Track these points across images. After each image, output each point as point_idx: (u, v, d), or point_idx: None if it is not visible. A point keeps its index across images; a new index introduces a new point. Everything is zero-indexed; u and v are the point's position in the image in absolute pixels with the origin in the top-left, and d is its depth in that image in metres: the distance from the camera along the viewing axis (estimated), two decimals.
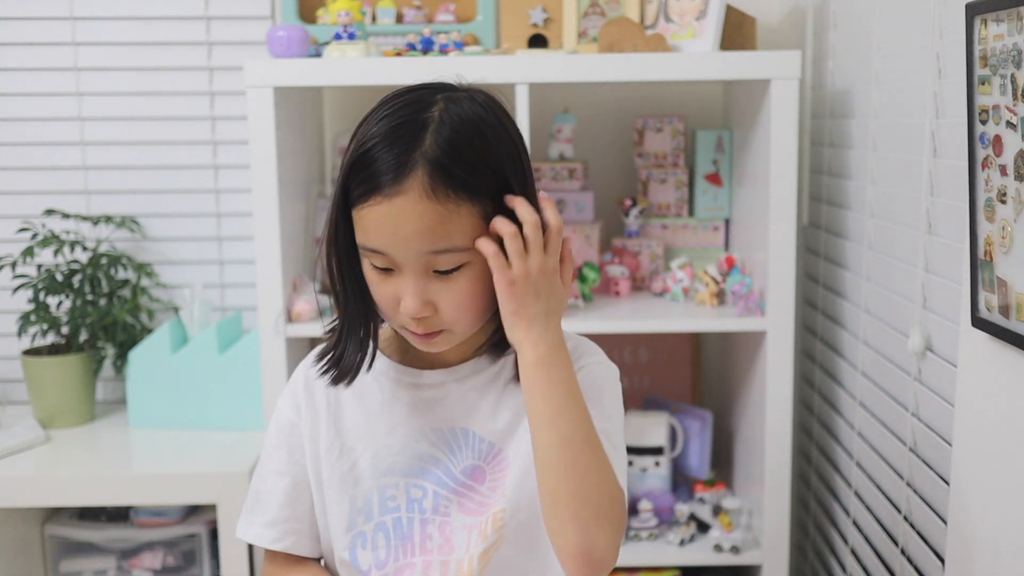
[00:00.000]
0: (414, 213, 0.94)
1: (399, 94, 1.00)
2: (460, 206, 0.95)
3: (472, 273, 0.98)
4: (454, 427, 1.08)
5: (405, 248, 0.95)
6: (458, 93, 1.00)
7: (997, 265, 1.11)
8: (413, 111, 0.97)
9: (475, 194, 0.95)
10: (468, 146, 0.96)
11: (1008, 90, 1.05)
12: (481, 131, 0.97)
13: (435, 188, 0.93)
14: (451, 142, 0.95)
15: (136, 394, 2.07)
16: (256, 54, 2.14)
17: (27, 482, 1.87)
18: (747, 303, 1.83)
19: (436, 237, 0.95)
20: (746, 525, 1.93)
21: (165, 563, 2.03)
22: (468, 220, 0.96)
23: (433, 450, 1.08)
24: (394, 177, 0.94)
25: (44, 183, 2.22)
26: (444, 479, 1.07)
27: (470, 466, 1.07)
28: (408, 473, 1.08)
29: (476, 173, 0.96)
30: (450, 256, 0.96)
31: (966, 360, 1.24)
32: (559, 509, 0.93)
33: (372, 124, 0.98)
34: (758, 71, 1.74)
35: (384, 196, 0.94)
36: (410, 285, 0.97)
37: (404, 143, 0.94)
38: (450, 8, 2.00)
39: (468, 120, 0.97)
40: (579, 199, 2.06)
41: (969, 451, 1.24)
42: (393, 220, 0.94)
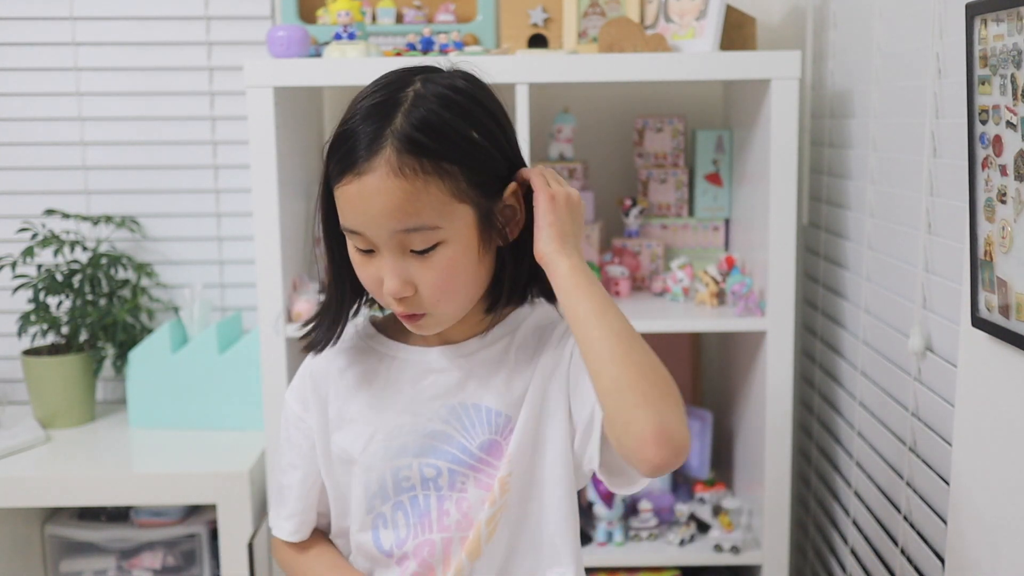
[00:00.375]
0: (382, 190, 0.95)
1: (381, 77, 1.02)
2: (429, 183, 0.95)
3: (449, 252, 0.99)
4: (466, 402, 1.08)
5: (377, 227, 0.97)
6: (437, 74, 1.01)
7: (997, 265, 1.11)
8: (390, 91, 0.98)
9: (444, 171, 0.96)
10: (438, 121, 0.96)
11: (1008, 90, 1.05)
12: (452, 106, 0.98)
13: (402, 165, 0.94)
14: (421, 119, 0.96)
15: (136, 394, 2.07)
16: (256, 54, 2.14)
17: (27, 482, 1.87)
18: (747, 303, 1.83)
19: (404, 215, 0.95)
20: (746, 525, 1.93)
21: (165, 563, 2.03)
22: (437, 196, 0.96)
23: (445, 427, 1.08)
24: (364, 155, 0.95)
25: (44, 183, 2.22)
26: (459, 455, 1.07)
27: (487, 441, 1.07)
28: (420, 453, 1.08)
29: (446, 148, 0.96)
30: (422, 235, 0.97)
31: (966, 360, 1.24)
32: (626, 396, 0.91)
33: (352, 105, 1.00)
34: (758, 71, 1.74)
35: (355, 174, 0.96)
36: (388, 265, 0.99)
37: (376, 122, 0.96)
38: (450, 8, 2.00)
39: (440, 96, 0.98)
40: None
41: (969, 451, 1.24)
42: (363, 199, 0.96)
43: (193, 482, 1.86)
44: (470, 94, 1.00)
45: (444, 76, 1.01)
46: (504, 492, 1.07)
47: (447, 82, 1.00)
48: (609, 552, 1.92)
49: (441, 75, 1.01)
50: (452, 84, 1.00)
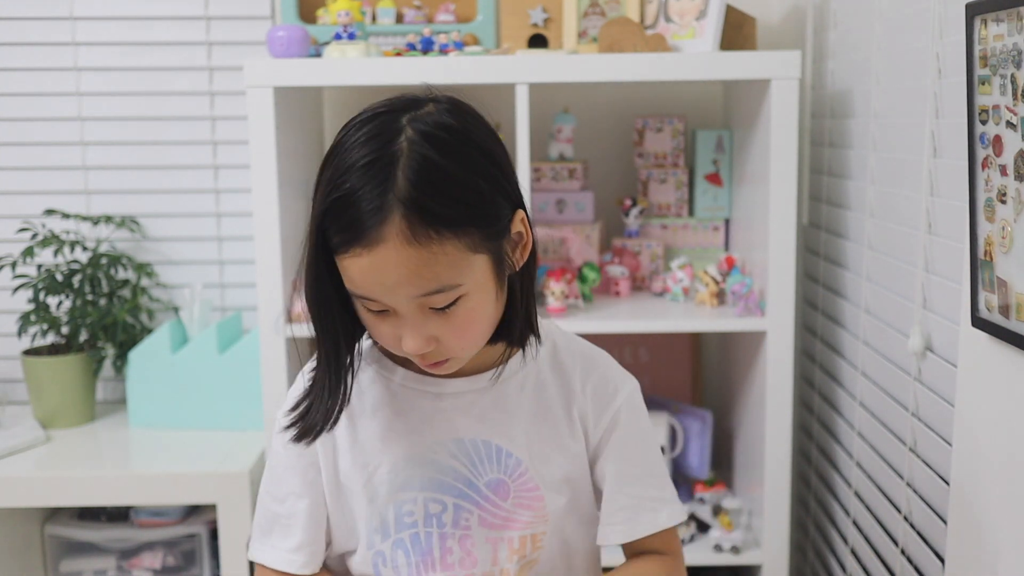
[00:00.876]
0: (396, 262, 0.88)
1: (364, 121, 0.93)
2: (444, 244, 0.89)
3: (471, 303, 0.94)
4: (476, 439, 1.05)
5: (394, 296, 0.91)
6: (422, 110, 0.93)
7: (997, 265, 1.11)
8: (381, 143, 0.90)
9: (459, 226, 0.90)
10: (442, 177, 0.89)
11: (1008, 90, 1.05)
12: (454, 153, 0.91)
13: (415, 232, 0.87)
14: (424, 176, 0.88)
15: (136, 394, 2.07)
16: (256, 54, 2.14)
17: (27, 482, 1.87)
18: (747, 303, 1.83)
19: (424, 281, 0.90)
20: (746, 525, 1.93)
21: (165, 563, 2.03)
22: (454, 255, 0.90)
23: (454, 462, 1.05)
24: (372, 225, 0.87)
25: (44, 183, 2.22)
26: (466, 491, 1.05)
27: (495, 480, 1.05)
28: (426, 487, 1.05)
29: (456, 205, 0.90)
30: (443, 295, 0.92)
31: (966, 360, 1.24)
32: None
33: (341, 160, 0.92)
34: (758, 71, 1.74)
35: (363, 247, 0.88)
36: (408, 326, 0.94)
37: (376, 185, 0.88)
38: (450, 8, 2.00)
39: (438, 143, 0.90)
40: (579, 199, 2.06)
41: (969, 451, 1.24)
42: (376, 270, 0.89)
43: (193, 482, 1.86)
44: (464, 133, 0.93)
45: (433, 115, 0.93)
46: (537, 548, 1.07)
47: (438, 122, 0.92)
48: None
49: (429, 114, 0.93)
50: (444, 124, 0.92)
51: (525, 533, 1.06)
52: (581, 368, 1.09)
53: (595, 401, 1.09)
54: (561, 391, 1.08)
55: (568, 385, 1.08)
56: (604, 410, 1.09)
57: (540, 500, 1.06)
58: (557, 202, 2.06)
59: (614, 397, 1.09)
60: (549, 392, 1.08)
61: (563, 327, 1.14)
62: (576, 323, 1.82)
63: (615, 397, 1.09)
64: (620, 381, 1.10)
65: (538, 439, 1.06)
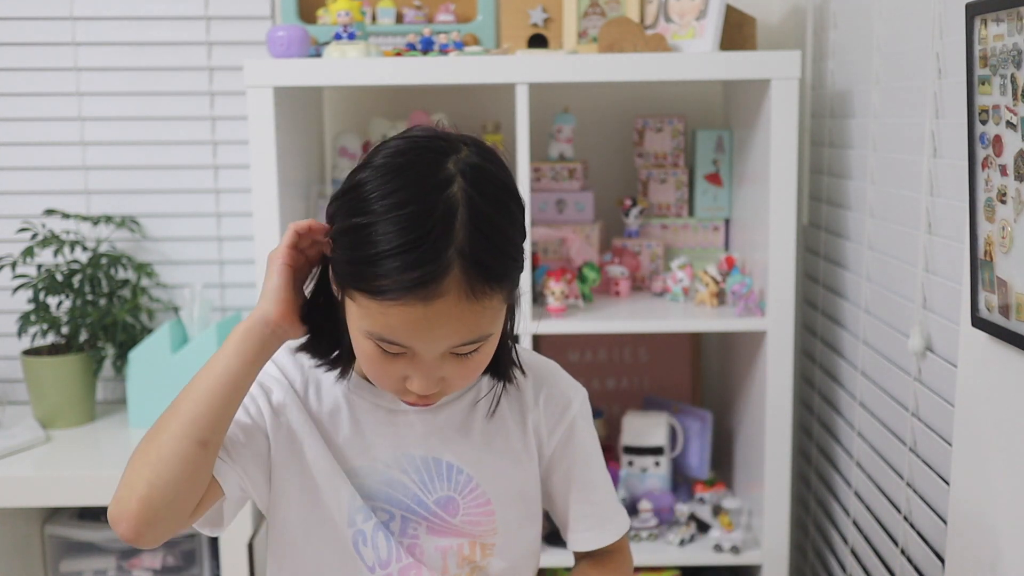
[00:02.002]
0: (452, 315, 0.88)
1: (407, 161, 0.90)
2: (493, 298, 0.90)
3: (487, 347, 0.95)
4: (427, 456, 1.05)
5: (433, 346, 0.91)
6: (461, 153, 0.91)
7: (997, 265, 1.11)
8: (434, 189, 0.87)
9: (505, 280, 0.91)
10: (495, 231, 0.89)
11: (1008, 90, 1.05)
12: (500, 206, 0.91)
13: (473, 288, 0.88)
14: (481, 231, 0.88)
15: (136, 394, 2.07)
16: (256, 54, 2.14)
17: (27, 482, 1.87)
18: (747, 303, 1.83)
19: (469, 333, 0.91)
20: (746, 525, 1.93)
21: (165, 563, 2.03)
22: (497, 308, 0.92)
23: (403, 477, 1.05)
24: (433, 278, 0.86)
25: (44, 183, 2.22)
26: (413, 506, 1.05)
27: (444, 497, 1.05)
28: (374, 496, 1.05)
29: (505, 260, 0.91)
30: (476, 344, 0.93)
31: (966, 360, 1.24)
32: None
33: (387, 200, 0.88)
34: (758, 71, 1.74)
35: (420, 299, 0.86)
36: (424, 369, 0.93)
37: (439, 237, 0.86)
38: (450, 8, 2.00)
39: (488, 195, 0.89)
40: (579, 199, 2.06)
41: (969, 451, 1.24)
42: (428, 323, 0.88)
43: None
44: (504, 182, 0.93)
45: (474, 161, 0.91)
46: (487, 555, 1.07)
47: (483, 170, 0.91)
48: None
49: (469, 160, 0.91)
50: (488, 173, 0.91)
51: (476, 541, 1.07)
52: (533, 381, 1.10)
53: (548, 413, 1.09)
54: (513, 405, 1.09)
55: (520, 399, 1.09)
56: (559, 421, 1.10)
57: (491, 514, 1.07)
58: (557, 202, 2.06)
59: (568, 408, 1.10)
60: (501, 407, 1.08)
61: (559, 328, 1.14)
62: (576, 323, 1.82)
63: (569, 408, 1.10)
64: (572, 392, 1.12)
65: (491, 454, 1.07)
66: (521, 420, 1.09)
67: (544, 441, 1.10)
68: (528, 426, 1.09)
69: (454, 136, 0.94)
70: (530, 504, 1.11)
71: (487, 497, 1.07)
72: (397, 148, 0.92)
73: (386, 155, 0.92)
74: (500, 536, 1.07)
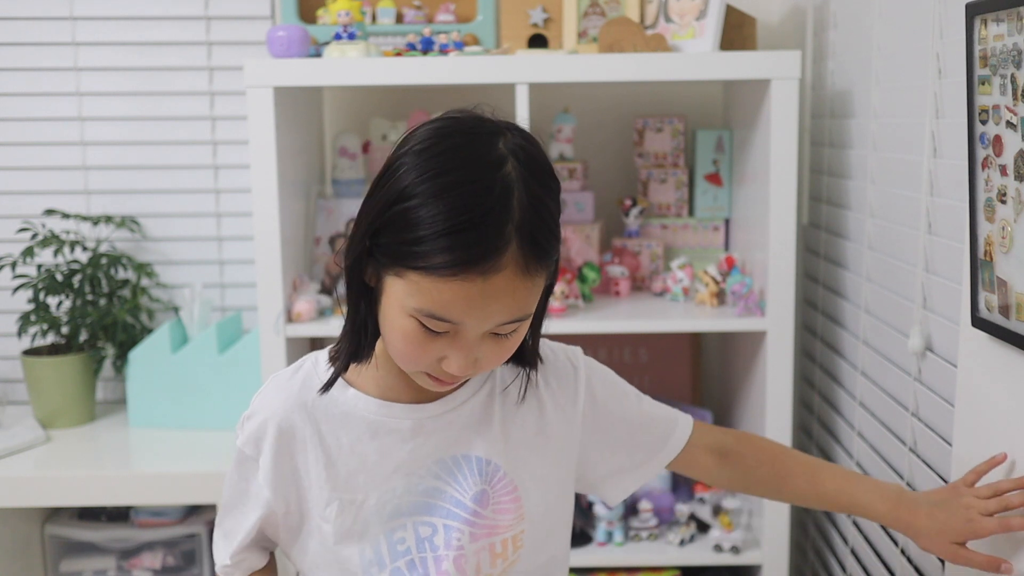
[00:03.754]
0: (508, 290, 0.90)
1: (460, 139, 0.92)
2: (541, 276, 0.93)
3: (523, 328, 0.97)
4: (455, 454, 1.06)
5: (485, 322, 0.92)
6: (507, 136, 0.94)
7: (997, 265, 1.11)
8: (491, 169, 0.90)
9: (551, 259, 0.95)
10: (546, 210, 0.93)
11: (1008, 90, 1.05)
12: (547, 187, 0.94)
13: (528, 263, 0.90)
14: (535, 209, 0.91)
15: (136, 394, 2.07)
16: (256, 54, 2.14)
17: (27, 482, 1.87)
18: (747, 303, 1.83)
19: (519, 310, 0.93)
20: (746, 525, 1.93)
21: (165, 563, 2.03)
22: (540, 285, 0.95)
23: (437, 482, 1.05)
24: (493, 253, 0.88)
25: (44, 183, 2.22)
26: (453, 510, 1.05)
27: (478, 492, 1.05)
28: (414, 512, 1.05)
29: (553, 239, 0.94)
30: (518, 323, 0.95)
31: (966, 360, 1.24)
32: None
33: (445, 178, 0.89)
34: (758, 71, 1.74)
35: (479, 273, 0.88)
36: (464, 349, 0.94)
37: (500, 213, 0.88)
38: (450, 8, 2.00)
39: (537, 176, 0.93)
40: (579, 199, 2.06)
41: (969, 451, 1.24)
42: (484, 297, 0.89)
43: (193, 482, 1.86)
44: (548, 165, 0.96)
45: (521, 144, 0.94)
46: (517, 548, 1.07)
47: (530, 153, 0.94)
48: (609, 552, 1.92)
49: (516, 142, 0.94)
50: (535, 156, 0.94)
51: (506, 536, 1.07)
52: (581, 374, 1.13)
53: (560, 388, 1.11)
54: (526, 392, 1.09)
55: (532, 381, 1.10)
56: (575, 391, 1.11)
57: (517, 500, 1.07)
58: None
59: (575, 374, 1.12)
60: (512, 395, 1.09)
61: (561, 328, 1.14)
62: (576, 323, 1.82)
63: (576, 373, 1.12)
64: (571, 357, 1.13)
65: (512, 442, 1.07)
66: (535, 404, 1.09)
67: (569, 415, 1.11)
68: (544, 408, 1.09)
69: (496, 120, 0.97)
70: (552, 487, 1.11)
71: (514, 484, 1.07)
72: (442, 130, 0.94)
73: (432, 137, 0.93)
74: (527, 523, 1.08)
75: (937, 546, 1.13)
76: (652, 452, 1.17)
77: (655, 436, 1.17)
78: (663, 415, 1.18)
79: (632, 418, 1.16)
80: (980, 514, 1.10)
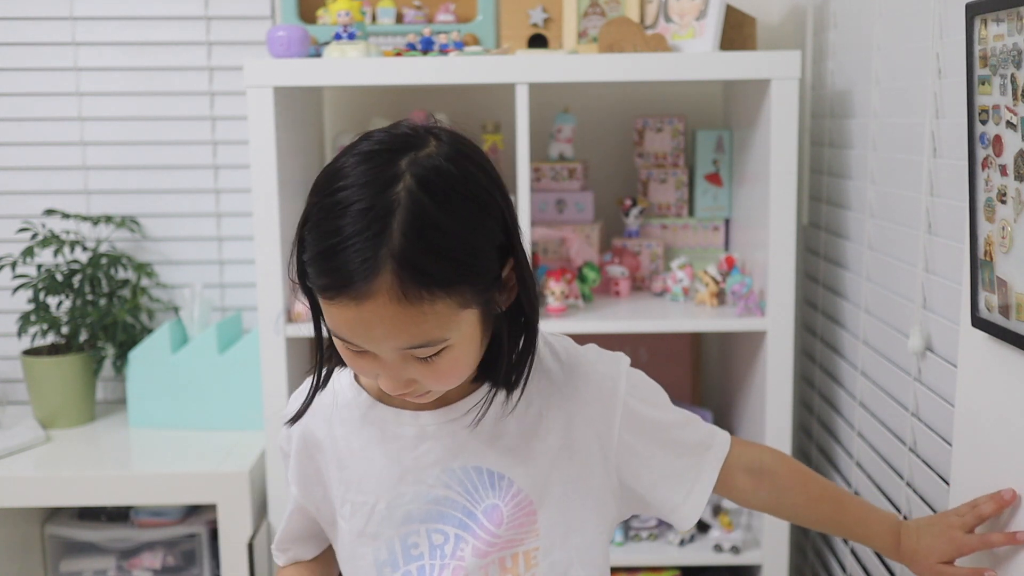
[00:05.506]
0: (386, 316, 0.86)
1: (362, 158, 0.89)
2: (435, 303, 0.87)
3: (454, 352, 0.92)
4: (465, 465, 1.03)
5: (378, 347, 0.90)
6: (423, 151, 0.89)
7: (997, 265, 1.11)
8: (378, 189, 0.86)
9: (451, 285, 0.87)
10: (439, 234, 0.86)
11: (1008, 90, 1.05)
12: (452, 207, 0.87)
13: (406, 290, 0.85)
14: (420, 233, 0.85)
15: (136, 394, 2.07)
16: (256, 54, 2.14)
17: (27, 482, 1.87)
18: (747, 303, 1.83)
19: (410, 337, 0.88)
20: (746, 525, 1.93)
21: (165, 563, 2.03)
22: (443, 313, 0.88)
23: (448, 492, 1.03)
24: (361, 279, 0.85)
25: (44, 183, 2.22)
26: (464, 520, 1.04)
27: (490, 505, 1.03)
28: (427, 519, 1.04)
29: (450, 264, 0.87)
30: (428, 348, 0.90)
31: (966, 360, 1.24)
32: None
33: (334, 198, 0.87)
34: (758, 71, 1.74)
35: (351, 298, 0.86)
36: (387, 368, 0.92)
37: (371, 237, 0.84)
38: (450, 8, 2.00)
39: (437, 195, 0.87)
40: (579, 199, 2.06)
41: (969, 451, 1.24)
42: (363, 323, 0.87)
43: (193, 482, 1.86)
44: (464, 181, 0.89)
45: (433, 158, 0.89)
46: (530, 567, 1.04)
47: (439, 168, 0.88)
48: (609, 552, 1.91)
49: (430, 156, 0.89)
50: (444, 171, 0.88)
51: (518, 550, 1.04)
52: (566, 372, 1.05)
53: (594, 403, 1.04)
54: (549, 402, 1.04)
55: (556, 394, 1.04)
56: (611, 409, 1.04)
57: (532, 515, 1.04)
58: (557, 202, 2.06)
59: (614, 392, 1.04)
60: (535, 405, 1.04)
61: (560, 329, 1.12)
62: (576, 323, 1.82)
63: (615, 392, 1.04)
64: (612, 369, 1.06)
65: (529, 455, 1.03)
66: (562, 416, 1.04)
67: (600, 431, 1.04)
68: (572, 422, 1.04)
69: (427, 131, 0.92)
70: (574, 504, 1.05)
71: (530, 499, 1.03)
72: (350, 148, 0.92)
73: (338, 156, 0.92)
74: (543, 539, 1.04)
75: (924, 568, 1.13)
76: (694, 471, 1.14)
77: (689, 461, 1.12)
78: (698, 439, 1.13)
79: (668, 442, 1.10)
80: (961, 531, 1.11)
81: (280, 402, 1.82)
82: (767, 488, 1.16)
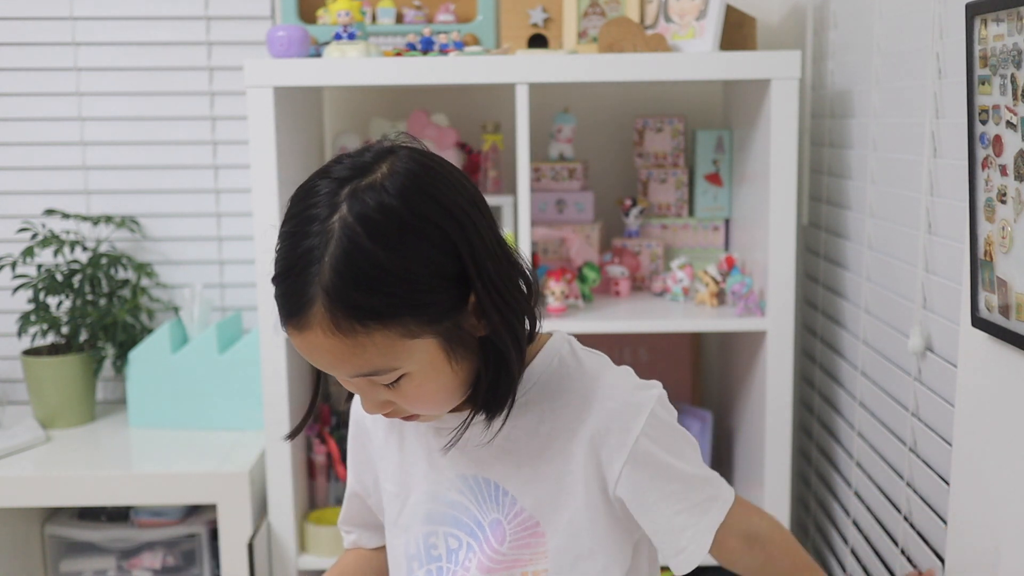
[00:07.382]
0: (324, 347, 0.87)
1: (308, 191, 0.90)
2: (372, 334, 0.86)
3: (415, 380, 0.91)
4: (476, 474, 1.03)
5: (332, 372, 0.92)
6: (367, 179, 0.88)
7: (997, 265, 1.11)
8: (315, 221, 0.87)
9: (387, 318, 0.86)
10: (370, 268, 0.85)
11: (1008, 90, 1.05)
12: (388, 240, 0.85)
13: (338, 324, 0.85)
14: (350, 267, 0.85)
15: (136, 394, 2.07)
16: (256, 54, 2.14)
17: (27, 482, 1.87)
18: (747, 303, 1.83)
19: (354, 366, 0.89)
20: None
21: (165, 563, 2.03)
22: (384, 343, 0.87)
23: (461, 498, 1.04)
24: (296, 310, 0.87)
25: (44, 183, 2.22)
26: (475, 529, 1.04)
27: (494, 520, 1.03)
28: (444, 522, 1.05)
29: (383, 297, 0.85)
30: (381, 376, 0.90)
31: (966, 360, 1.24)
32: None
33: (284, 228, 0.91)
34: (758, 71, 1.74)
35: (294, 327, 0.88)
36: (357, 390, 0.94)
37: (303, 271, 0.86)
38: (450, 8, 2.00)
39: (372, 228, 0.85)
40: (579, 199, 2.06)
41: (969, 451, 1.24)
42: (309, 350, 0.89)
43: (193, 482, 1.86)
44: (408, 212, 0.86)
45: (376, 189, 0.87)
46: None
47: (379, 202, 0.86)
48: None
49: (373, 186, 0.87)
50: (384, 205, 0.86)
51: (527, 569, 1.03)
52: (582, 394, 1.00)
53: (607, 435, 0.99)
54: (563, 425, 1.00)
55: (570, 417, 1.00)
56: (620, 445, 0.98)
57: (539, 536, 1.02)
58: (557, 202, 2.06)
59: (627, 428, 0.98)
60: (547, 427, 1.00)
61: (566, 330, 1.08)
62: (576, 323, 1.82)
63: (628, 428, 0.98)
64: (633, 410, 0.99)
65: (537, 478, 1.01)
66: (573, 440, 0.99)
67: (608, 463, 0.99)
68: (580, 448, 0.99)
69: (388, 154, 0.91)
70: (583, 532, 1.02)
71: (535, 520, 1.01)
72: (315, 173, 0.93)
73: (315, 175, 0.93)
74: (552, 563, 1.02)
75: None
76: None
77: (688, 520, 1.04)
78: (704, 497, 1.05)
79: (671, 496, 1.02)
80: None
81: (280, 402, 1.82)
82: (757, 555, 1.10)
